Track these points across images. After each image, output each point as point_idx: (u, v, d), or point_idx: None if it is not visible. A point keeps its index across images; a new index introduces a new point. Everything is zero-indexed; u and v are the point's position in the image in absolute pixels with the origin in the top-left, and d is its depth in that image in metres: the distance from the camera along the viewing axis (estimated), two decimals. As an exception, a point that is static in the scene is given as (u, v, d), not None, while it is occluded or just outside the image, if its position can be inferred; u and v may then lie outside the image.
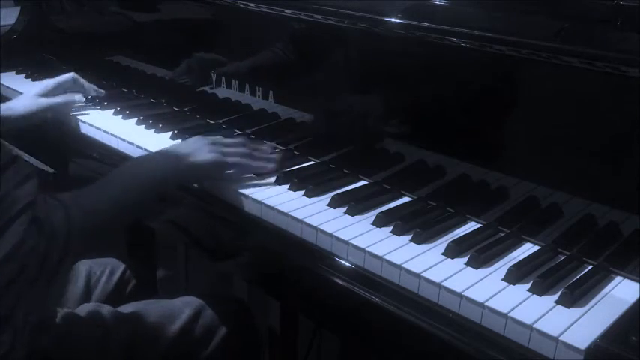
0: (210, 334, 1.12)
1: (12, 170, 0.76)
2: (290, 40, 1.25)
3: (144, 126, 1.35)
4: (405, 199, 1.05)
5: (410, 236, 0.91)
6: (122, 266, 1.32)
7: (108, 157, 1.31)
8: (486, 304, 0.77)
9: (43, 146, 1.38)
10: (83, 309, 1.08)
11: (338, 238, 0.91)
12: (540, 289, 0.79)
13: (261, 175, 1.10)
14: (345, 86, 1.18)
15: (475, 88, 1.02)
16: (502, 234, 0.93)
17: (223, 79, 1.36)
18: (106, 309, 1.08)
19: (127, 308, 1.09)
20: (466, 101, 1.03)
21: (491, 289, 0.80)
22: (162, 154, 1.07)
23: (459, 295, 0.79)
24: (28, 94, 1.39)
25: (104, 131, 1.33)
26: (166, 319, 1.09)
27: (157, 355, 1.06)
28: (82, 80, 1.46)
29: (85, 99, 1.46)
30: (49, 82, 1.42)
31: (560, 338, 0.71)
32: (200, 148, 1.05)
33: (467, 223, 0.97)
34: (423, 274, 0.82)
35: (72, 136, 1.40)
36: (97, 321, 1.04)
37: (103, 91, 1.50)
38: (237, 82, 1.34)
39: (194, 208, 1.11)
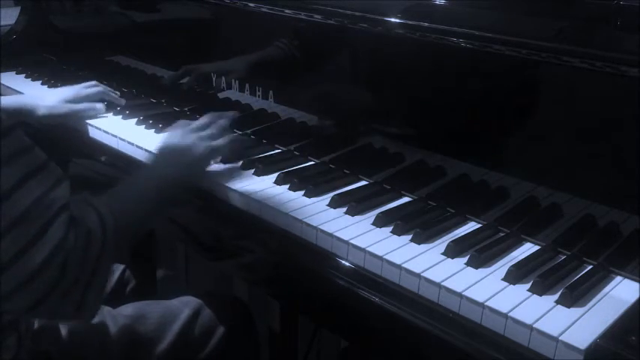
0: (210, 334, 1.12)
1: (45, 173, 0.77)
2: (290, 40, 1.25)
3: (144, 126, 1.35)
4: (405, 199, 1.05)
5: (410, 236, 0.91)
6: (121, 267, 1.32)
7: (108, 157, 1.31)
8: (486, 304, 0.77)
9: (43, 145, 1.38)
10: None
11: (338, 238, 0.91)
12: (540, 289, 0.79)
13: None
14: (345, 86, 1.18)
15: (475, 88, 1.02)
16: (502, 234, 0.94)
17: (223, 79, 1.36)
18: (106, 310, 1.08)
19: (126, 309, 1.09)
20: (466, 101, 1.03)
21: (491, 289, 0.80)
22: (166, 160, 1.07)
23: (459, 295, 0.79)
24: (55, 96, 1.39)
25: (104, 131, 1.33)
26: (166, 319, 1.09)
27: (157, 355, 1.06)
28: (111, 93, 1.46)
29: (105, 109, 1.44)
30: (79, 92, 1.41)
31: (560, 338, 0.71)
32: (191, 145, 1.07)
33: (467, 223, 0.97)
34: (423, 274, 0.82)
35: (72, 136, 1.40)
36: (98, 323, 1.04)
37: (123, 100, 1.48)
38: (237, 82, 1.34)
39: (194, 208, 1.11)
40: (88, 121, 1.38)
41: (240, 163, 1.15)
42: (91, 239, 0.80)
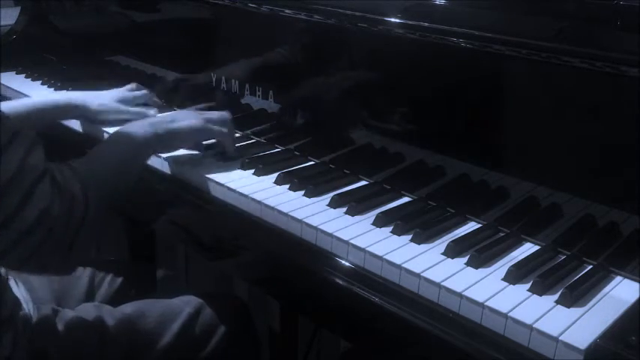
0: (210, 334, 1.12)
1: (16, 144, 0.79)
2: (290, 40, 1.25)
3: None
4: (405, 199, 1.05)
5: (410, 236, 0.91)
6: (127, 268, 1.33)
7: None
8: (486, 304, 0.77)
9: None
10: (83, 309, 1.08)
11: (338, 238, 0.91)
12: (540, 289, 0.79)
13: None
14: (346, 86, 1.18)
15: (475, 88, 1.02)
16: (502, 234, 0.93)
17: (223, 79, 1.36)
18: (106, 309, 1.08)
19: (126, 308, 1.09)
20: (466, 101, 1.03)
21: (491, 289, 0.80)
22: (147, 121, 1.11)
23: (459, 295, 0.79)
24: (108, 95, 1.38)
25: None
26: (166, 318, 1.09)
27: (157, 354, 1.06)
28: (153, 97, 1.45)
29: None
30: (126, 94, 1.40)
31: (560, 338, 0.71)
32: (184, 116, 1.13)
33: (467, 223, 0.97)
34: (423, 274, 0.82)
35: (71, 136, 1.40)
36: (97, 321, 1.04)
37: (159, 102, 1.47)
38: (237, 82, 1.34)
39: (194, 208, 1.11)
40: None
41: (240, 160, 1.15)
42: (75, 203, 0.85)
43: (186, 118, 1.13)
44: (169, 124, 1.10)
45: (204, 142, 1.20)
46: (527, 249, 0.91)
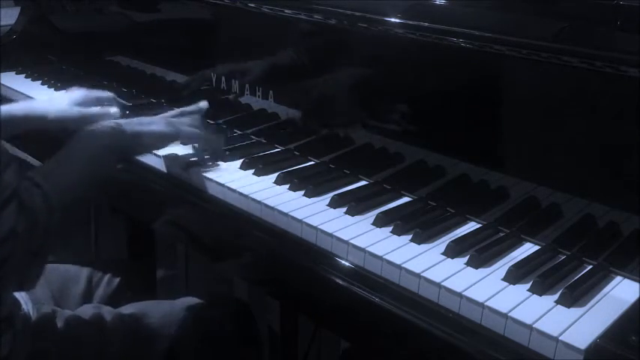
0: (211, 334, 1.12)
1: None
2: (290, 40, 1.25)
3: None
4: (405, 199, 1.05)
5: (410, 236, 0.91)
6: (126, 268, 1.32)
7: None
8: (486, 304, 0.77)
9: (40, 142, 1.37)
10: (83, 310, 1.08)
11: (338, 238, 0.91)
12: (540, 289, 0.79)
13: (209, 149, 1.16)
14: (346, 86, 1.18)
15: (475, 88, 1.02)
16: (502, 234, 0.94)
17: (223, 79, 1.36)
18: (106, 310, 1.07)
19: (127, 309, 1.09)
20: (466, 101, 1.03)
21: (491, 289, 0.80)
22: (114, 124, 1.08)
23: (459, 295, 0.79)
24: (63, 100, 1.33)
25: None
26: (166, 319, 1.09)
27: (157, 355, 1.06)
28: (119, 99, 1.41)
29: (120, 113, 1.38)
30: (88, 94, 1.35)
31: (560, 338, 0.71)
32: (153, 120, 1.12)
33: (467, 223, 0.97)
34: (423, 274, 0.82)
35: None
36: (97, 322, 1.03)
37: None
38: (237, 82, 1.34)
39: (194, 208, 1.11)
40: None
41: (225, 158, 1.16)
42: (37, 221, 0.84)
43: (155, 122, 1.11)
44: (136, 126, 1.08)
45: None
46: (527, 249, 0.91)
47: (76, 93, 1.36)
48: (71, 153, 1.00)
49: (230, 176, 1.10)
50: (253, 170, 1.12)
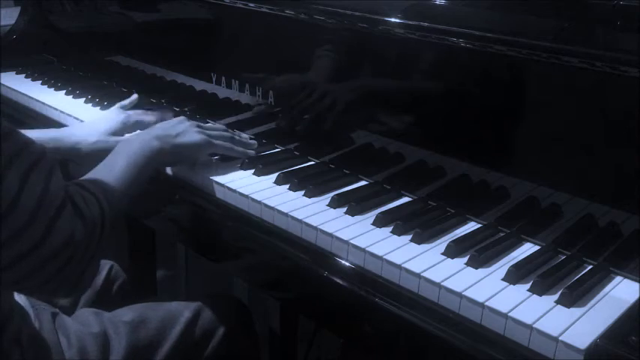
0: (210, 336, 1.12)
1: (37, 170, 0.77)
2: (290, 40, 1.25)
3: (144, 126, 1.35)
4: (405, 199, 1.05)
5: (410, 236, 0.91)
6: (109, 264, 1.32)
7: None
8: (486, 304, 0.77)
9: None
10: (81, 315, 1.07)
11: (338, 238, 0.91)
12: (540, 289, 0.79)
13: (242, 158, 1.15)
14: (345, 86, 1.18)
15: (475, 88, 1.02)
16: (502, 234, 0.94)
17: (223, 79, 1.36)
18: (106, 317, 1.07)
19: (127, 314, 1.08)
20: (466, 101, 1.03)
21: (491, 289, 0.80)
22: (154, 134, 1.08)
23: (459, 295, 0.79)
24: (98, 128, 1.24)
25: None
26: (166, 323, 1.09)
27: (158, 359, 1.06)
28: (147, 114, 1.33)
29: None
30: (128, 120, 1.26)
31: (560, 338, 0.71)
32: (187, 129, 1.11)
33: (467, 223, 0.97)
34: (423, 274, 0.82)
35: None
36: (97, 329, 1.03)
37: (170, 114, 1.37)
38: (237, 82, 1.34)
39: (194, 208, 1.11)
40: None
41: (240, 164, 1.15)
42: (95, 230, 0.84)
43: (189, 132, 1.10)
44: (175, 139, 1.08)
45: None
46: (527, 249, 0.91)
47: (114, 120, 1.26)
48: (116, 165, 1.00)
49: (230, 176, 1.10)
50: (253, 170, 1.12)
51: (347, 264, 0.90)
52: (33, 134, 0.91)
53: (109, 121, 1.26)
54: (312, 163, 1.18)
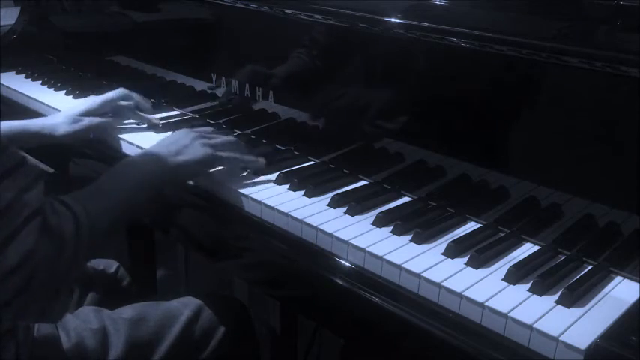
0: (210, 335, 1.12)
1: (20, 173, 0.74)
2: (290, 40, 1.25)
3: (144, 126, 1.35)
4: (405, 199, 1.05)
5: (410, 236, 0.91)
6: (115, 264, 1.32)
7: (108, 157, 1.31)
8: (486, 304, 0.77)
9: (43, 146, 1.37)
10: (81, 312, 1.07)
11: (338, 238, 0.91)
12: (540, 289, 0.79)
13: (251, 169, 1.11)
14: (345, 86, 1.18)
15: (475, 88, 1.02)
16: (502, 234, 0.94)
17: (223, 79, 1.36)
18: (106, 313, 1.07)
19: (126, 312, 1.08)
20: (466, 101, 1.03)
21: (491, 289, 0.80)
22: (153, 154, 1.05)
23: (459, 295, 0.79)
24: (69, 112, 1.30)
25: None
26: (166, 321, 1.09)
27: (157, 357, 1.06)
28: (134, 95, 1.37)
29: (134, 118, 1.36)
30: (94, 101, 1.32)
31: (560, 338, 0.71)
32: (189, 144, 1.06)
33: (467, 223, 0.97)
34: (423, 274, 0.82)
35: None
36: (97, 326, 1.03)
37: (148, 104, 1.40)
38: (237, 82, 1.34)
39: (194, 208, 1.11)
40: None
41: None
42: (64, 246, 0.79)
43: (191, 148, 1.05)
44: (176, 157, 1.03)
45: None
46: (527, 249, 0.91)
47: (83, 101, 1.33)
48: (110, 182, 0.96)
49: (230, 177, 1.10)
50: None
51: (347, 264, 0.90)
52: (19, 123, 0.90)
53: (83, 102, 1.32)
54: (312, 163, 1.18)
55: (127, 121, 1.37)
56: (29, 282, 0.75)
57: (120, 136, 1.31)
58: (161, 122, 1.36)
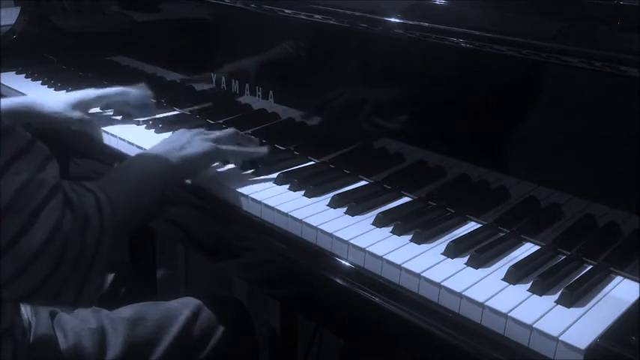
0: (209, 335, 1.12)
1: (31, 154, 0.74)
2: (290, 40, 1.25)
3: (144, 126, 1.35)
4: (405, 199, 1.05)
5: (410, 236, 0.91)
6: (126, 268, 1.32)
7: (107, 157, 1.31)
8: (486, 304, 0.77)
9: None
10: (80, 312, 1.07)
11: (338, 238, 0.91)
12: (540, 289, 0.79)
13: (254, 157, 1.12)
14: (345, 86, 1.18)
15: (475, 88, 1.02)
16: (502, 234, 0.94)
17: (223, 79, 1.36)
18: (105, 313, 1.07)
19: (125, 311, 1.08)
20: (466, 101, 1.03)
21: (491, 289, 0.80)
22: (157, 151, 1.05)
23: (459, 295, 0.79)
24: (65, 99, 1.33)
25: (104, 131, 1.33)
26: (165, 321, 1.09)
27: (156, 357, 1.06)
28: (132, 91, 1.38)
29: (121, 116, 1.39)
30: (89, 94, 1.35)
31: (560, 338, 0.71)
32: (190, 140, 1.06)
33: (467, 223, 0.97)
34: (423, 274, 0.82)
35: (71, 136, 1.40)
36: (95, 326, 1.03)
37: (153, 101, 1.41)
38: (237, 82, 1.34)
39: (194, 208, 1.11)
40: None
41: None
42: (89, 224, 0.78)
43: (193, 143, 1.05)
44: (180, 152, 1.03)
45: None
46: (527, 249, 0.91)
47: (79, 93, 1.36)
48: (119, 177, 0.97)
49: (230, 177, 1.10)
50: (253, 170, 1.12)
51: (347, 264, 0.90)
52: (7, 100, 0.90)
53: (79, 93, 1.35)
54: (312, 163, 1.18)
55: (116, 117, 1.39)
56: (59, 261, 0.73)
57: (119, 136, 1.31)
58: (159, 122, 1.36)
